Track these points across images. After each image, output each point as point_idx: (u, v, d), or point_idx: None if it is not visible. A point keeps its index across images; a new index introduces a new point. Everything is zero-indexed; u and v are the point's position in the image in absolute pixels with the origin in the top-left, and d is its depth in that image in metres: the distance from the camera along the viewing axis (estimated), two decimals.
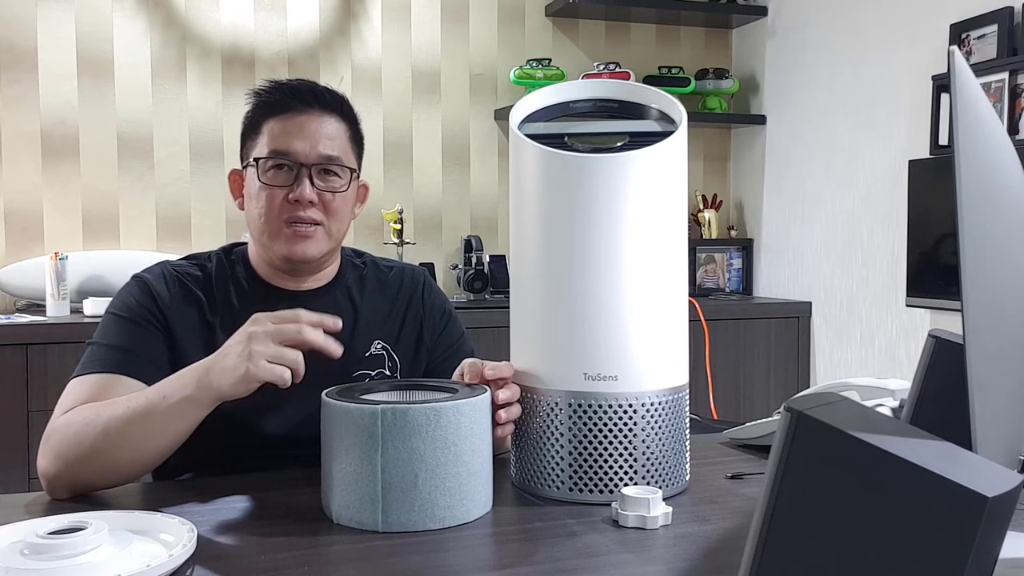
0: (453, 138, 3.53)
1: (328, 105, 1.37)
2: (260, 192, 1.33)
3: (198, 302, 1.33)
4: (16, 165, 3.05)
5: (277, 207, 1.32)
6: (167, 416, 1.11)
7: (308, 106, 1.34)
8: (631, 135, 1.15)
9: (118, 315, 1.29)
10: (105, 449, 1.11)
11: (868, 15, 3.16)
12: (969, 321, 0.67)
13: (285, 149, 1.32)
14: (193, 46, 3.22)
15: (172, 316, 1.30)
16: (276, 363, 1.06)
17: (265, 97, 1.36)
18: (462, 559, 0.94)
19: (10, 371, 2.58)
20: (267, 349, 1.06)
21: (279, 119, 1.34)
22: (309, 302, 1.37)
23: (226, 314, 1.34)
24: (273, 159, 1.32)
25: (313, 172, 1.33)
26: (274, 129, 1.33)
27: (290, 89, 1.36)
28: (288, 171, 1.32)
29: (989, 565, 0.55)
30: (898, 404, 1.24)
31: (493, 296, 3.32)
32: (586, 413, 1.09)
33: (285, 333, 1.08)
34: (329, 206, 1.34)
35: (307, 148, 1.32)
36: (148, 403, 1.12)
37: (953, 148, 0.67)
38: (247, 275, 1.39)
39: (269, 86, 1.37)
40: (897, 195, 3.02)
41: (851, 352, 3.26)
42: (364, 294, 1.44)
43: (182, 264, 1.38)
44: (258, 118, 1.36)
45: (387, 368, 1.40)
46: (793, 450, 0.56)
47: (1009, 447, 0.79)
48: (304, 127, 1.33)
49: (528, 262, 1.14)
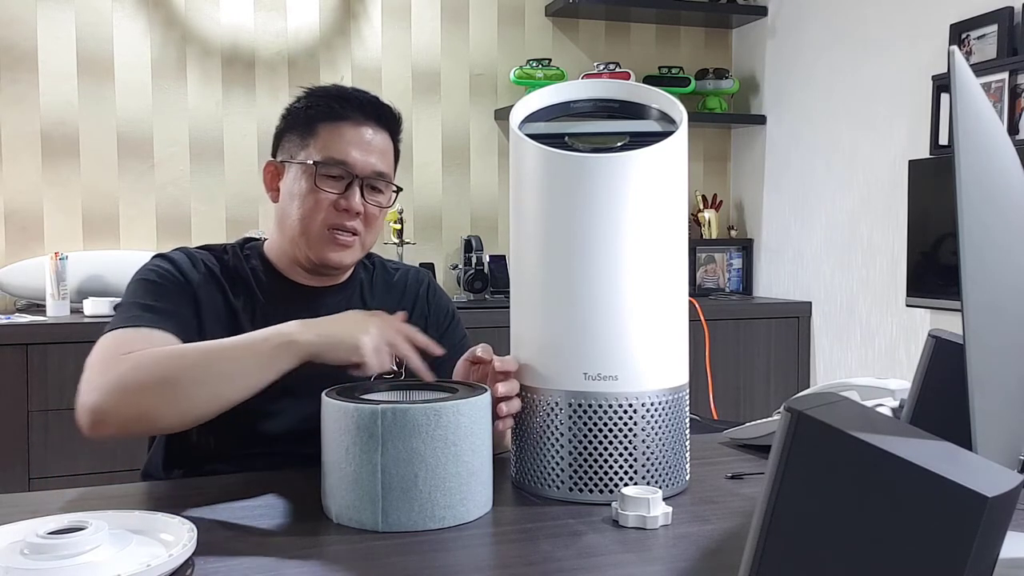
0: (453, 138, 3.53)
1: (385, 121, 1.40)
2: (308, 195, 1.34)
3: (220, 285, 1.35)
4: (16, 165, 3.05)
5: (324, 212, 1.34)
6: (261, 359, 1.12)
7: (367, 119, 1.38)
8: (631, 135, 1.15)
9: (148, 280, 1.30)
10: (188, 379, 1.11)
11: (868, 15, 3.16)
12: (969, 321, 0.67)
13: (343, 159, 1.34)
14: (193, 46, 3.22)
15: (198, 287, 1.31)
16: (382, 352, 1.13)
17: (327, 101, 1.37)
18: (462, 559, 0.94)
19: (10, 371, 2.58)
20: (385, 336, 1.14)
21: (337, 126, 1.35)
22: (325, 299, 1.40)
23: (248, 301, 1.35)
24: (330, 166, 1.34)
25: (364, 185, 1.36)
26: (331, 135, 1.35)
27: (355, 98, 1.38)
28: (339, 180, 1.35)
29: (989, 565, 0.55)
30: (898, 404, 1.24)
31: (493, 296, 3.32)
32: (586, 413, 1.09)
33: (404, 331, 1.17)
34: (370, 219, 1.38)
35: (363, 160, 1.35)
36: (248, 342, 1.14)
37: (953, 148, 0.67)
38: (264, 268, 1.40)
39: (331, 89, 1.39)
40: (897, 195, 3.02)
41: (851, 352, 3.26)
42: (373, 294, 1.46)
43: (201, 251, 1.39)
44: (314, 120, 1.37)
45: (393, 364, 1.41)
46: (793, 450, 0.56)
47: (1009, 447, 0.79)
48: (363, 139, 1.36)
49: (528, 262, 1.14)
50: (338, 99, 1.37)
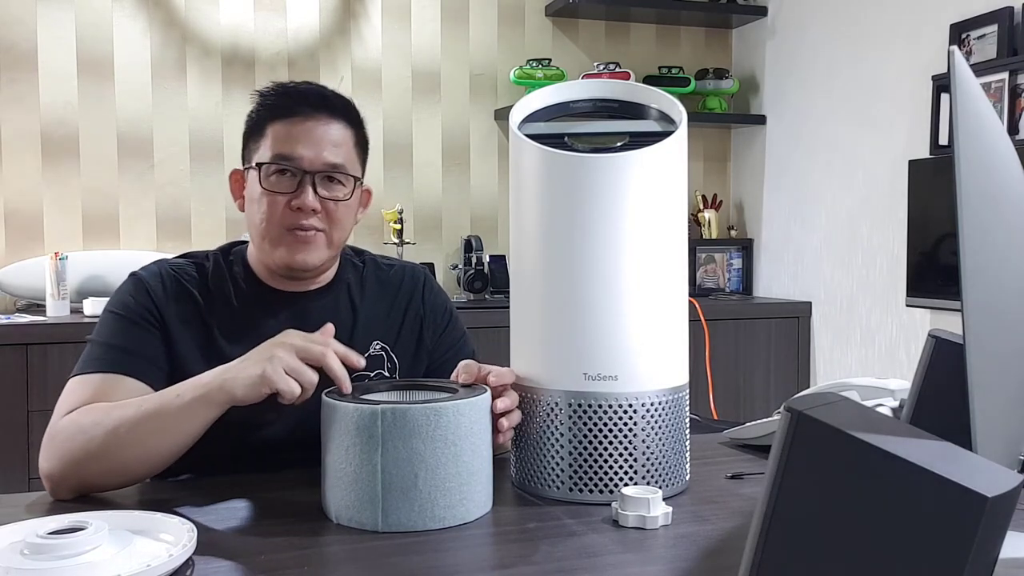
0: (453, 138, 3.53)
1: (335, 110, 1.34)
2: (262, 197, 1.31)
3: (195, 302, 1.32)
4: (16, 165, 3.05)
5: (279, 213, 1.31)
6: (179, 415, 1.11)
7: (315, 111, 1.32)
8: (631, 135, 1.15)
9: (116, 313, 1.29)
10: (115, 448, 1.11)
11: (868, 15, 3.16)
12: (969, 321, 0.67)
13: (289, 154, 1.30)
14: (193, 46, 3.22)
15: (168, 315, 1.30)
16: (292, 376, 1.07)
17: (271, 99, 1.34)
18: (462, 559, 0.94)
19: (10, 371, 2.58)
20: (289, 360, 1.07)
21: (284, 123, 1.31)
22: (308, 304, 1.37)
23: (224, 315, 1.33)
24: (276, 164, 1.30)
25: (316, 179, 1.31)
26: (279, 133, 1.31)
27: (297, 93, 1.34)
28: (291, 177, 1.31)
29: (989, 565, 0.55)
30: (898, 404, 1.24)
31: (493, 296, 3.32)
32: (586, 413, 1.09)
33: (310, 351, 1.09)
34: (331, 214, 1.32)
35: (312, 155, 1.30)
36: (162, 402, 1.12)
37: (953, 148, 0.67)
38: (245, 276, 1.38)
39: (275, 88, 1.35)
40: (897, 195, 3.02)
41: (851, 352, 3.26)
42: (363, 294, 1.42)
43: (179, 262, 1.37)
44: (262, 120, 1.34)
45: (386, 369, 1.39)
46: (793, 450, 0.56)
47: (1009, 447, 0.79)
48: (310, 133, 1.31)
49: (528, 262, 1.14)
50: (283, 95, 1.34)
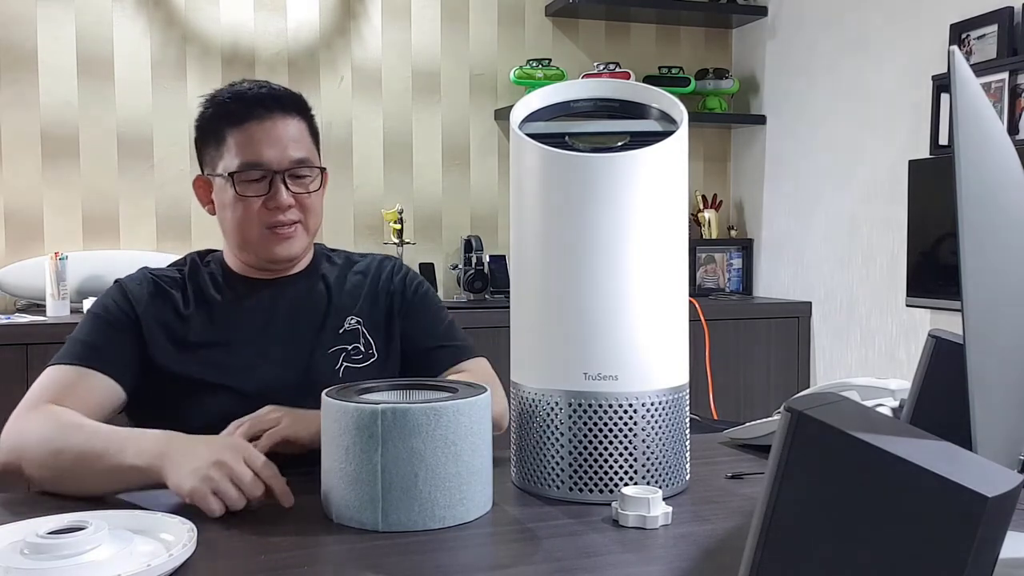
0: (453, 138, 3.53)
1: (287, 106, 1.39)
2: (236, 203, 1.37)
3: (171, 299, 1.39)
4: (16, 165, 3.05)
5: (256, 215, 1.37)
6: (114, 472, 1.11)
7: (269, 111, 1.37)
8: (632, 135, 1.15)
9: (95, 313, 1.37)
10: (54, 469, 1.15)
11: (868, 15, 3.16)
12: (969, 321, 0.67)
13: (257, 160, 1.35)
14: (193, 46, 3.22)
15: (144, 315, 1.36)
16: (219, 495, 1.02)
17: (226, 107, 1.38)
18: (462, 559, 0.94)
19: (10, 371, 2.58)
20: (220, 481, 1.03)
21: (243, 129, 1.36)
22: (285, 288, 1.44)
23: (202, 305, 1.40)
24: (246, 171, 1.35)
25: (286, 176, 1.37)
26: (240, 140, 1.36)
27: (251, 97, 1.38)
28: (262, 180, 1.36)
29: (989, 565, 0.55)
30: (898, 404, 1.24)
31: (493, 296, 3.32)
32: (586, 413, 1.09)
33: (242, 479, 1.04)
34: (304, 205, 1.39)
35: (278, 155, 1.36)
36: (106, 447, 1.12)
37: (953, 148, 0.67)
38: (222, 272, 1.45)
39: (229, 94, 1.39)
40: (897, 195, 3.02)
41: (851, 352, 3.26)
42: (336, 277, 1.48)
43: (161, 269, 1.45)
44: (220, 128, 1.38)
45: (361, 344, 1.44)
46: (793, 450, 0.56)
47: (1009, 447, 0.79)
48: (270, 134, 1.36)
49: (528, 262, 1.14)
50: (236, 100, 1.38)
